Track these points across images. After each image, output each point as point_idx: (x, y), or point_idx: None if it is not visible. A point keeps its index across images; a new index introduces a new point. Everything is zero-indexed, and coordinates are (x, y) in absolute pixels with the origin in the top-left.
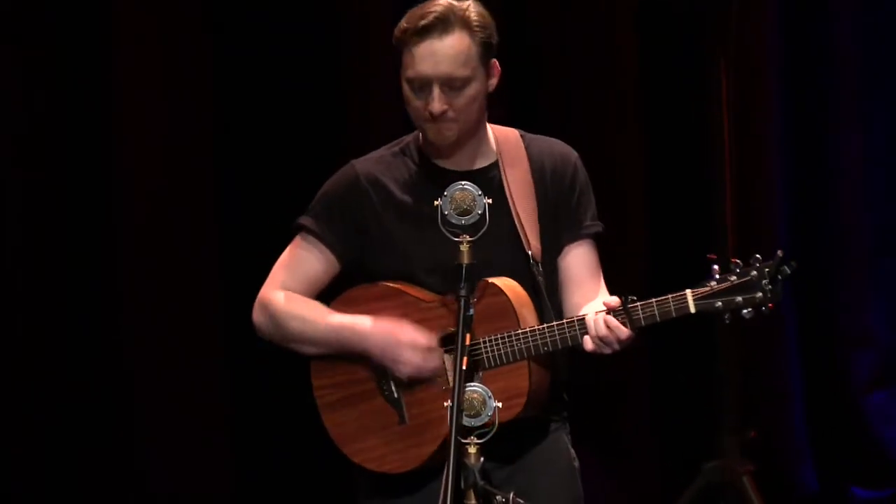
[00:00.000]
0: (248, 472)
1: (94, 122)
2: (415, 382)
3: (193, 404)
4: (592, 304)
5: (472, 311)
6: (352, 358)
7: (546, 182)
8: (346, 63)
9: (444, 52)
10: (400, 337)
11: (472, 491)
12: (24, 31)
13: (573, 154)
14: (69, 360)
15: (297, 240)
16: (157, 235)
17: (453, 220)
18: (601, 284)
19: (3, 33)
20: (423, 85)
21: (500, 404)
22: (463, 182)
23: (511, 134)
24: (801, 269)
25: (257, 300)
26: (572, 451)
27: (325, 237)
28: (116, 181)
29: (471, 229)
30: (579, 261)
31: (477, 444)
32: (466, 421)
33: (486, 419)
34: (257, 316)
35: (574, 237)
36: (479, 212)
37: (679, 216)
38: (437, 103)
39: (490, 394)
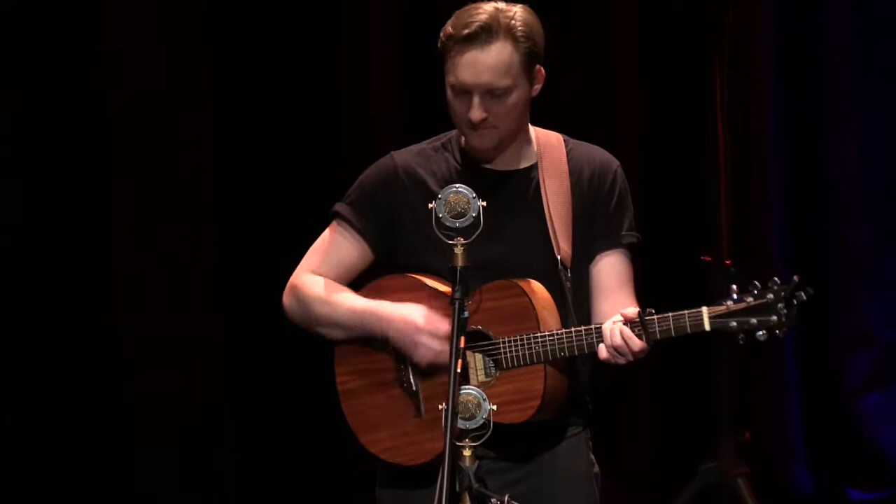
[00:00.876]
0: (247, 473)
1: (92, 122)
2: (434, 374)
3: (191, 405)
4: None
5: (466, 314)
6: (375, 346)
7: (583, 188)
8: (347, 63)
9: (486, 63)
10: (419, 324)
11: (466, 494)
12: (23, 29)
13: (614, 162)
14: (67, 360)
15: (333, 226)
16: (156, 236)
17: (447, 223)
18: (632, 295)
19: (2, 33)
20: (464, 92)
21: (494, 407)
22: (457, 185)
23: (554, 138)
24: (796, 269)
25: (288, 284)
26: (592, 456)
27: (360, 225)
28: (114, 181)
29: (465, 232)
30: (611, 269)
31: (472, 446)
32: (461, 424)
33: (481, 422)
34: (287, 300)
35: (608, 245)
36: (474, 214)
37: (675, 218)
38: (476, 111)
39: (485, 396)
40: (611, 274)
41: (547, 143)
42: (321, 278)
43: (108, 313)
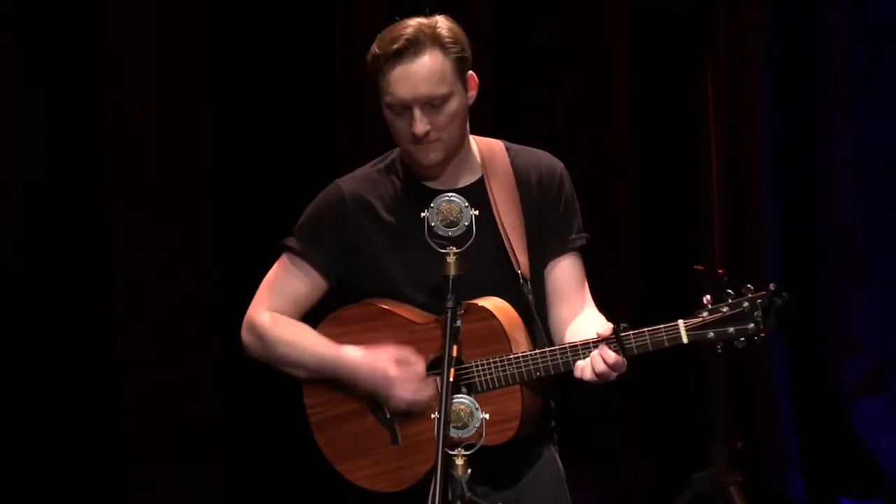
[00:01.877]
0: (247, 473)
1: (91, 122)
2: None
3: (191, 406)
4: (580, 318)
5: (459, 323)
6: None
7: (532, 195)
8: (340, 66)
9: (420, 74)
10: (389, 372)
11: (459, 502)
12: (22, 30)
13: (559, 165)
14: (67, 361)
15: (284, 260)
16: (155, 236)
17: (440, 232)
18: (587, 296)
19: (1, 33)
20: (404, 109)
21: (487, 416)
22: (450, 194)
23: (496, 146)
24: (790, 275)
25: (245, 320)
26: (558, 459)
27: (312, 258)
28: (113, 181)
29: (457, 241)
30: (565, 274)
31: (464, 455)
32: (454, 432)
33: (474, 431)
34: (246, 336)
35: (560, 251)
36: (466, 223)
37: (668, 226)
38: (419, 125)
39: (477, 405)
40: (567, 278)
41: (490, 153)
42: (281, 317)
43: (107, 314)
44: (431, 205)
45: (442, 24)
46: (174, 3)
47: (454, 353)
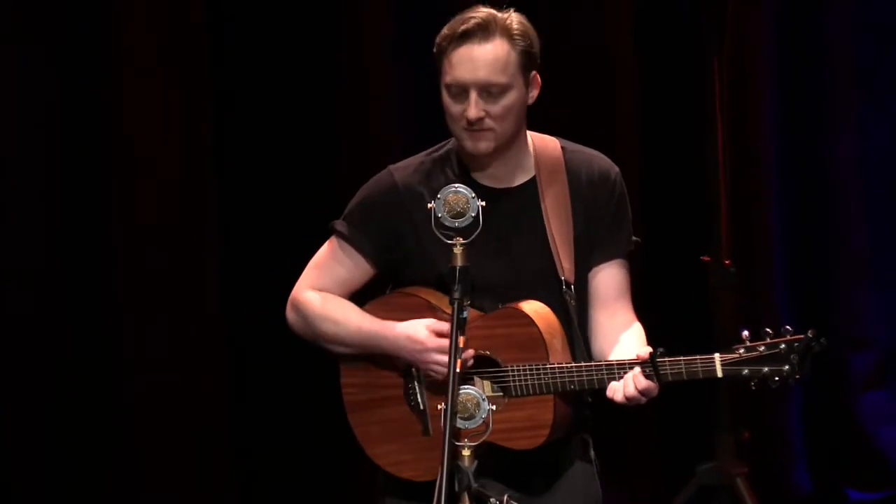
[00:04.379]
0: (247, 474)
1: (94, 122)
2: (441, 394)
3: (191, 405)
4: (625, 334)
5: (465, 314)
6: (380, 362)
7: (583, 198)
8: (345, 64)
9: (483, 58)
10: (427, 343)
11: (465, 494)
12: (23, 29)
13: (613, 169)
14: (68, 360)
15: (332, 243)
16: (157, 235)
17: (447, 223)
18: (628, 304)
19: (4, 28)
20: (461, 91)
21: (493, 406)
22: (456, 185)
23: (551, 144)
24: (797, 267)
25: (290, 299)
26: (592, 453)
27: (360, 244)
28: (114, 181)
29: (464, 232)
30: (609, 281)
31: (471, 446)
32: (460, 423)
33: (480, 422)
34: (290, 315)
35: (608, 256)
36: (473, 214)
37: (674, 218)
38: (473, 109)
39: (484, 396)
40: (609, 285)
41: (544, 152)
42: (324, 294)
43: (108, 313)
44: (438, 195)
45: (515, 17)
46: (177, 8)
47: (461, 344)
